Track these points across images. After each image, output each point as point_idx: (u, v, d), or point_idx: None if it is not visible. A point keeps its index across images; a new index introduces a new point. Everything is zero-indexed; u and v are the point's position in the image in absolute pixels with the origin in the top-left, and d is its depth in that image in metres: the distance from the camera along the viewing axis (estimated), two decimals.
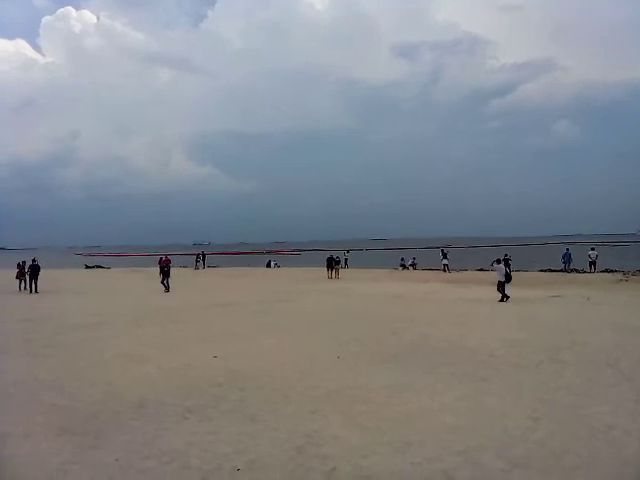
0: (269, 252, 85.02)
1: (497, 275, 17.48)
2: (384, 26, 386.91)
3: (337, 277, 30.10)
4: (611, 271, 29.08)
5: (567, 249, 31.57)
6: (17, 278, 24.49)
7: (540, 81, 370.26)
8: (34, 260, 24.00)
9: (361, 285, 24.81)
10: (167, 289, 22.22)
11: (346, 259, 38.22)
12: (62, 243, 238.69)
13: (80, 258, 77.79)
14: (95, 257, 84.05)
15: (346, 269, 36.00)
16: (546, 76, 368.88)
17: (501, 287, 16.98)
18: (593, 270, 29.58)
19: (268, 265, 45.10)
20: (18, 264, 25.12)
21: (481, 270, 32.67)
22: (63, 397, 7.07)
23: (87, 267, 48.86)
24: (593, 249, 31.00)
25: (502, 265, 17.40)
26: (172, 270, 35.40)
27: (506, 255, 30.68)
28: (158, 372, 8.35)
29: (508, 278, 17.03)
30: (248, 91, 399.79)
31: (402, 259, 38.33)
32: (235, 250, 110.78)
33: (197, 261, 43.63)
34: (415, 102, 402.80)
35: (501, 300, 16.79)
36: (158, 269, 35.04)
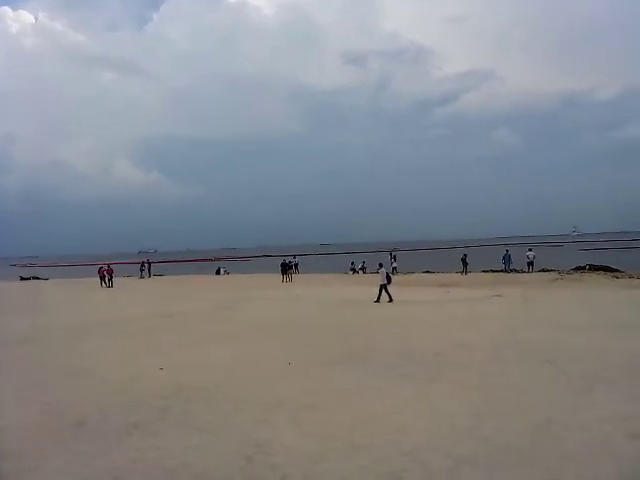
0: (218, 259, 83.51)
1: (380, 278, 18.79)
2: (332, 33, 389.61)
3: (291, 281, 31.62)
4: (547, 270, 30.55)
5: (507, 250, 32.86)
6: None
7: (481, 91, 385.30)
8: None
9: (312, 290, 24.85)
10: None
11: (296, 264, 38.22)
12: None
13: (15, 269, 73.40)
14: (32, 268, 79.59)
15: (296, 274, 36.01)
16: (486, 85, 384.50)
17: (384, 288, 18.31)
18: (531, 270, 30.95)
19: (217, 272, 44.32)
20: None
21: (427, 272, 33.54)
22: None
23: (22, 279, 46.23)
24: (531, 250, 32.47)
25: (384, 269, 19.02)
26: (115, 279, 34.87)
27: (465, 255, 31.99)
28: (101, 387, 8.00)
29: (389, 280, 18.56)
30: (195, 95, 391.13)
31: (352, 263, 38.71)
32: (182, 258, 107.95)
33: (142, 270, 42.19)
34: (364, 109, 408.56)
35: (377, 300, 18.07)
36: (98, 279, 34.22)
